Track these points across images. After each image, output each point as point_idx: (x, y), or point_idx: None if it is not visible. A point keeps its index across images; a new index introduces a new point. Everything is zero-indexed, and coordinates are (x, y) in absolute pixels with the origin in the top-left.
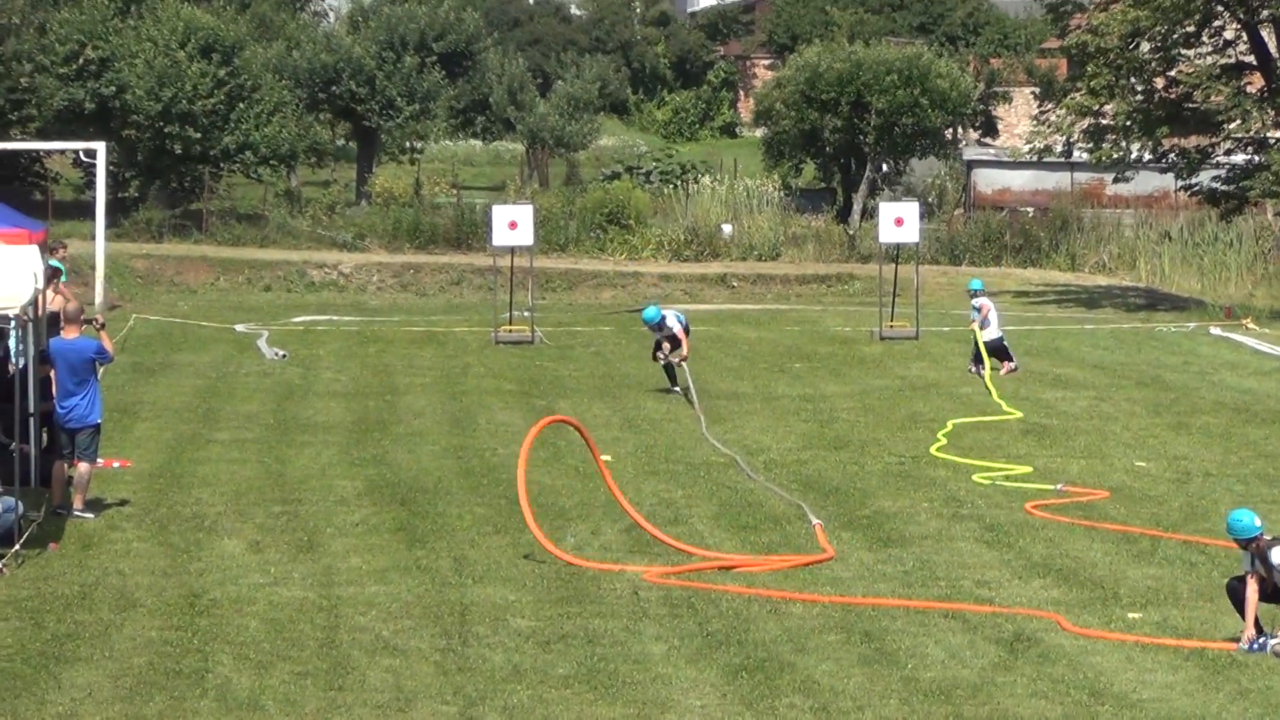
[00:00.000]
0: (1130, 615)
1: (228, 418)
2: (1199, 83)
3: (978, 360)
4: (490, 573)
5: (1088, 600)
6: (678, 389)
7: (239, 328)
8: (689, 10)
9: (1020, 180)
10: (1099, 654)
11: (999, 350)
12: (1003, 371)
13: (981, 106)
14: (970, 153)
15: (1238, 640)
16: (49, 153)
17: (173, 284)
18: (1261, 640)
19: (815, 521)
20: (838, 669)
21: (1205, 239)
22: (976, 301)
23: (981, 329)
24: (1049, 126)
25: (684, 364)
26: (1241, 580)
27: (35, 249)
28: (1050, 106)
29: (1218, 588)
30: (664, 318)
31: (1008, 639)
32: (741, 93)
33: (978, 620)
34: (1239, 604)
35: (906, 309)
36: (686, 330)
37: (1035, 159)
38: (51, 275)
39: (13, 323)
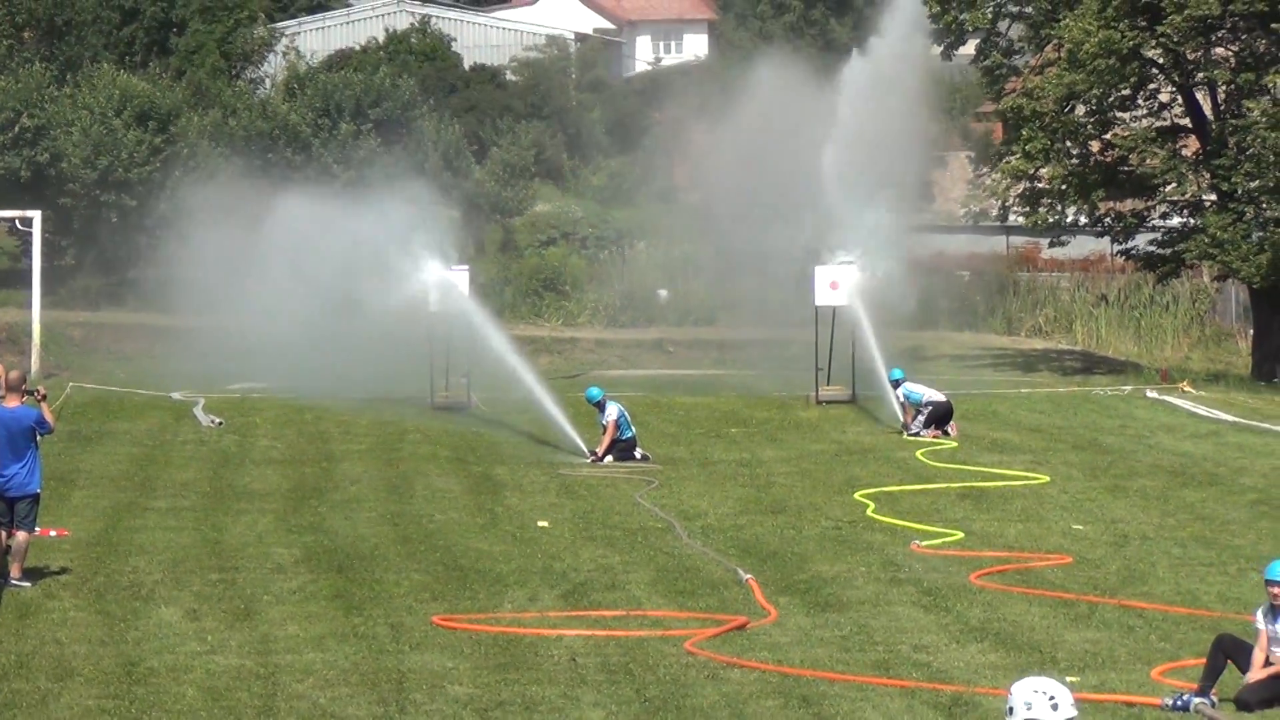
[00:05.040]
0: (1068, 679)
1: (164, 486)
2: (1134, 146)
3: (931, 422)
4: (427, 640)
5: (1025, 664)
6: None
7: (175, 395)
8: (624, 75)
9: (956, 244)
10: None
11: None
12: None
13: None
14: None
15: (1161, 698)
16: None
17: (109, 352)
18: (1185, 698)
19: (747, 577)
20: None
21: (1141, 302)
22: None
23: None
24: (984, 190)
25: (597, 463)
26: (1231, 637)
27: None
28: (986, 170)
29: (1156, 651)
30: (603, 400)
31: (946, 704)
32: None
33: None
34: (1224, 657)
35: (843, 373)
36: (619, 427)
37: (971, 223)
38: None
39: None
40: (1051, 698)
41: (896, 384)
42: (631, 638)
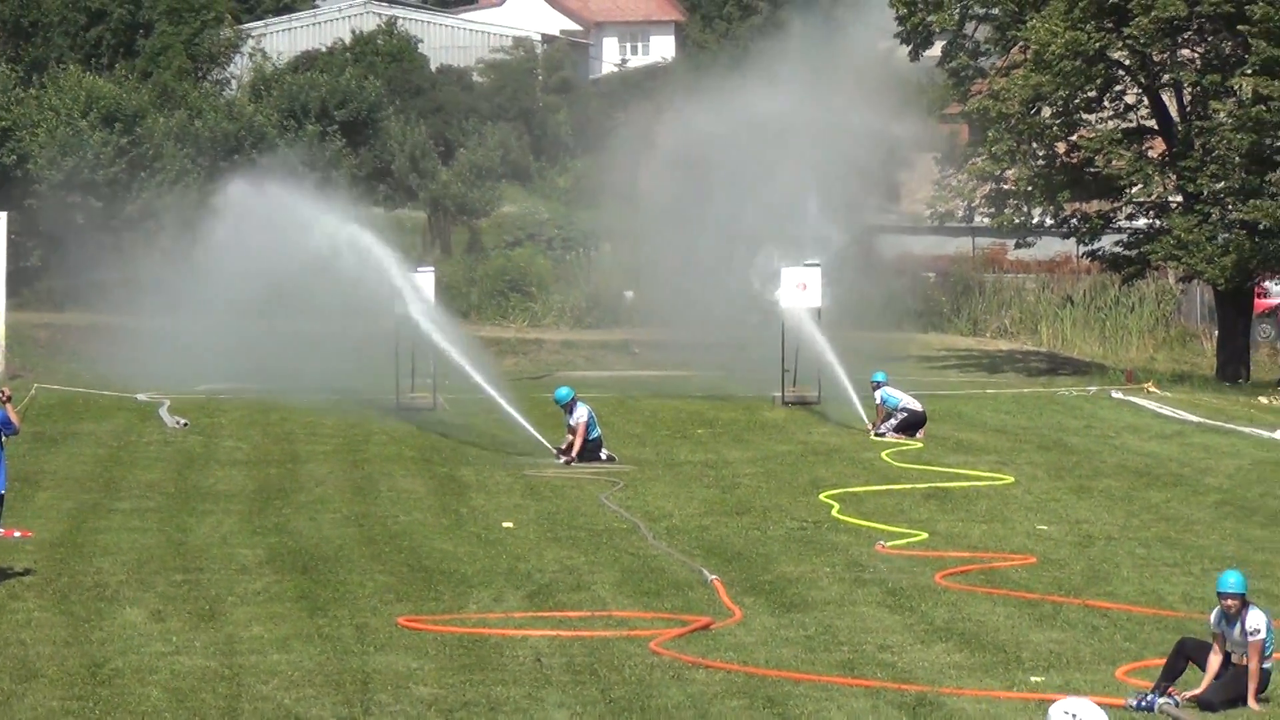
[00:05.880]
0: (1033, 679)
1: (129, 487)
2: (1100, 147)
3: (902, 429)
4: (392, 640)
5: (990, 664)
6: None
7: (141, 397)
8: (591, 77)
9: (922, 245)
10: (1000, 718)
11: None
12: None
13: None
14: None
15: (1126, 697)
16: None
17: (75, 354)
18: (1150, 699)
19: (712, 577)
20: None
21: (1107, 303)
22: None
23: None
24: (950, 191)
25: (569, 463)
26: (1194, 641)
27: None
28: (952, 171)
29: (1120, 651)
30: (573, 402)
31: (910, 704)
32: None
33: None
34: (1184, 659)
35: (809, 374)
36: (590, 426)
37: (937, 224)
38: None
39: None
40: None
41: (877, 386)
42: (597, 638)
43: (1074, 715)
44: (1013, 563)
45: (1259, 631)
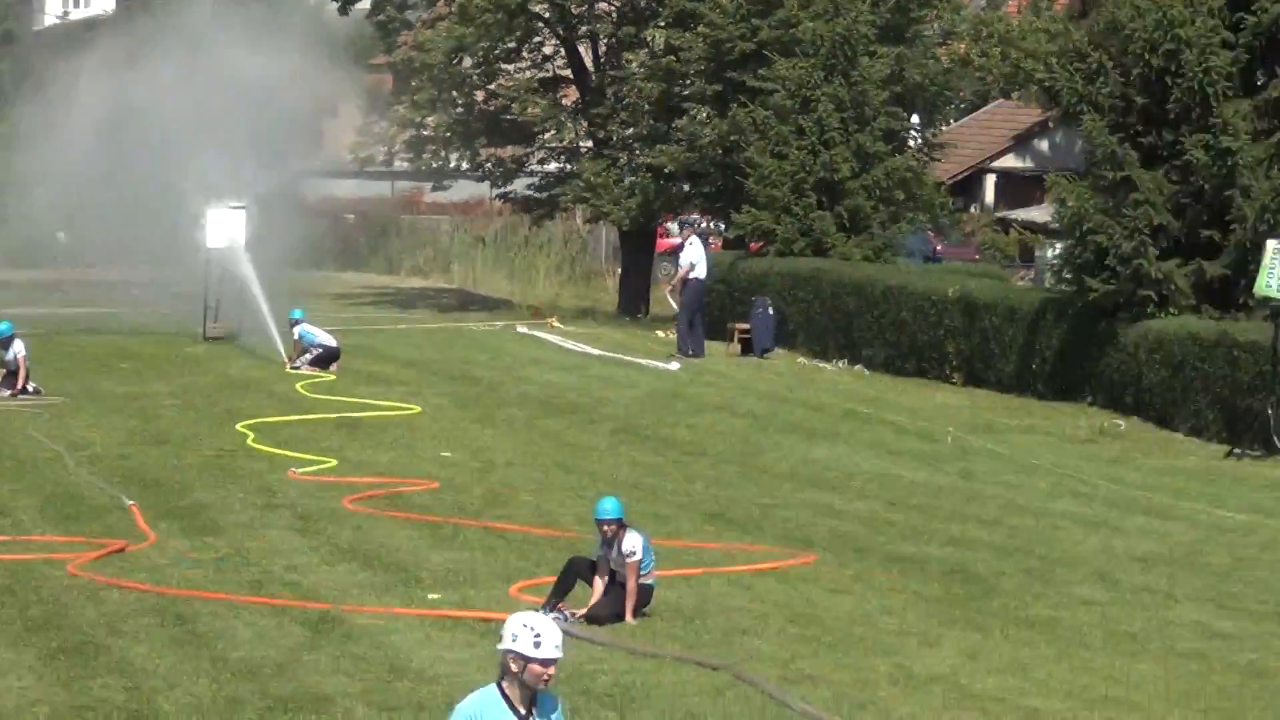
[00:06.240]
0: (430, 596)
1: None
2: (517, 96)
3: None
4: None
5: (391, 583)
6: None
7: None
8: (35, 29)
9: (344, 189)
10: (399, 633)
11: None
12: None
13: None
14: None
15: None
16: None
17: None
18: (553, 617)
19: (130, 503)
20: (150, 651)
21: (517, 243)
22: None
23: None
24: (373, 138)
25: (15, 397)
26: (582, 560)
27: None
28: (375, 119)
29: (515, 570)
30: (11, 337)
31: (314, 620)
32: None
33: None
34: (573, 577)
35: (230, 311)
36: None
37: (359, 169)
38: None
39: None
40: (537, 635)
41: (295, 323)
42: (17, 561)
43: (530, 626)
44: (418, 487)
45: (635, 553)
